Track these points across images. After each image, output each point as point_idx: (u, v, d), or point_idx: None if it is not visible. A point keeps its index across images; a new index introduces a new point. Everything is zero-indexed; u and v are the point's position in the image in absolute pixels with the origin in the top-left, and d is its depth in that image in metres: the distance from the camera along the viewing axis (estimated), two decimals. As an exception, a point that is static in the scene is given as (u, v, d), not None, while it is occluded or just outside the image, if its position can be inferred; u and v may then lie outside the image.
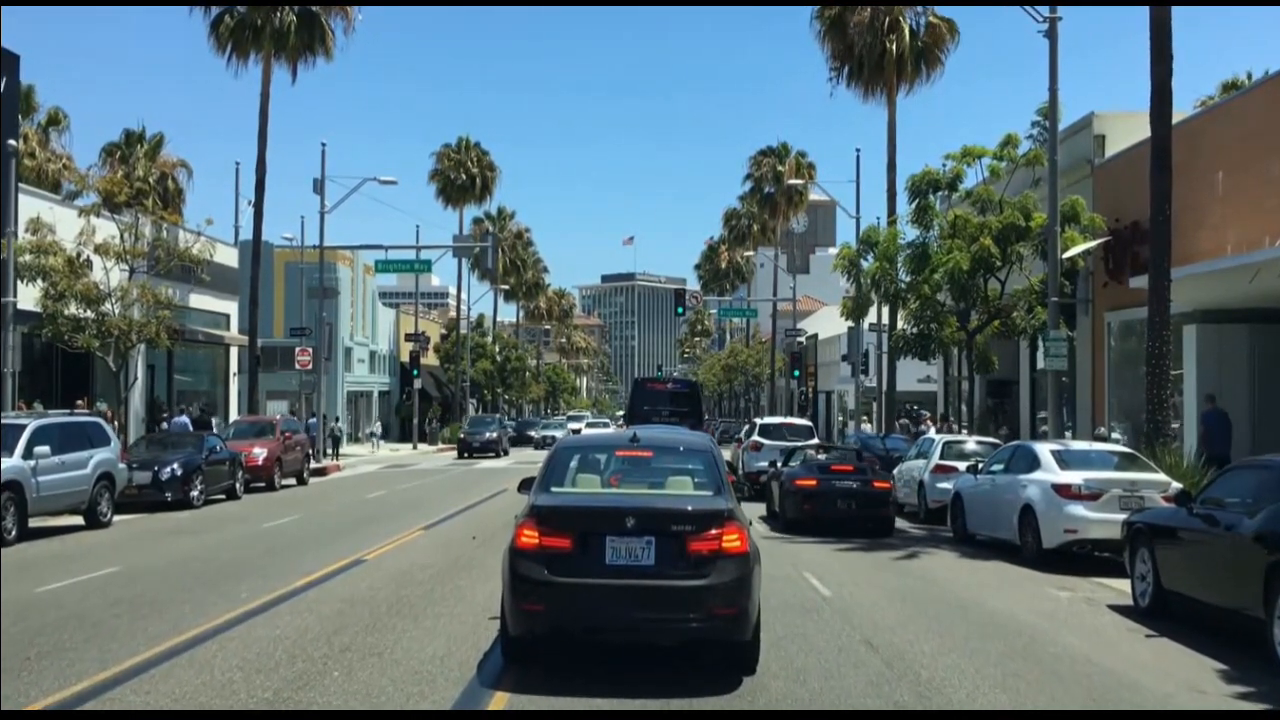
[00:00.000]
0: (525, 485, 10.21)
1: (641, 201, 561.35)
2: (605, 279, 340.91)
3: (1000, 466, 18.22)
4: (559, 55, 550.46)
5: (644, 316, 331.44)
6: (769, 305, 75.12)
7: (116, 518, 21.44)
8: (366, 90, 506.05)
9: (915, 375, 49.82)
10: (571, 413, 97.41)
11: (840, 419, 65.67)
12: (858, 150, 46.25)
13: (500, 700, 8.32)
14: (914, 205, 27.99)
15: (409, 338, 66.79)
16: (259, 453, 30.06)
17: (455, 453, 53.72)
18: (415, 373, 61.10)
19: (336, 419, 62.96)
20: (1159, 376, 19.22)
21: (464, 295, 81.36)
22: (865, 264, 30.87)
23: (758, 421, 35.74)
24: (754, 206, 76.59)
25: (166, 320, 29.26)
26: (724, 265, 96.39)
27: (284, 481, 31.54)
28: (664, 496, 9.27)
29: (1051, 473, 16.31)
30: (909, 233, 29.77)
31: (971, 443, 24.11)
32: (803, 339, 66.60)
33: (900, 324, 33.54)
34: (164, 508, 23.59)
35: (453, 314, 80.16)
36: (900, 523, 22.85)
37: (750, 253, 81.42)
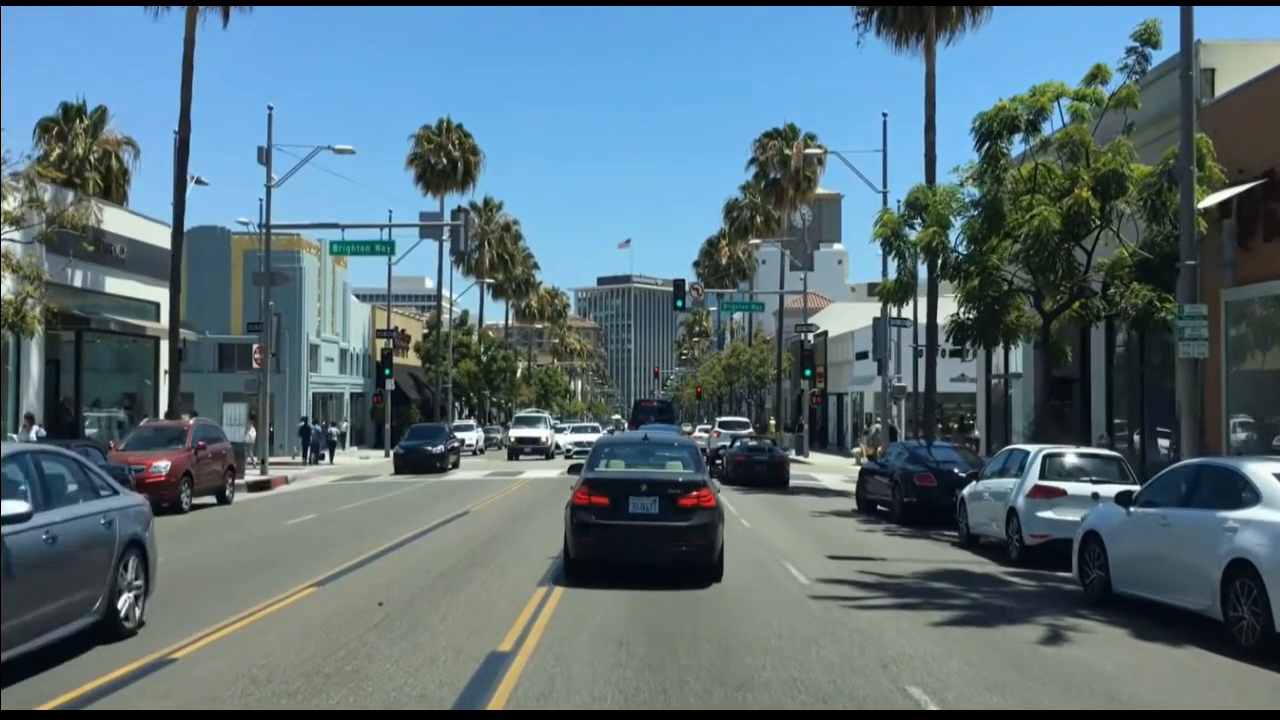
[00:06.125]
0: (575, 469, 16.84)
1: (638, 204, 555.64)
2: (601, 281, 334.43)
3: (1172, 497, 12.18)
4: (554, 58, 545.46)
5: (640, 319, 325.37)
6: (772, 303, 69.09)
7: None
8: (355, 92, 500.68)
9: (949, 374, 44.12)
10: (522, 413, 68.21)
11: (865, 423, 59.80)
12: (884, 115, 39.51)
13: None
14: (984, 150, 22.05)
15: (381, 334, 60.73)
16: (161, 467, 24.34)
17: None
18: (387, 372, 55.25)
19: (334, 423, 56.73)
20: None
21: (446, 291, 75.25)
22: (912, 232, 24.98)
23: (719, 419, 61.25)
24: (757, 195, 70.95)
25: (33, 296, 23.18)
26: (724, 261, 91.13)
27: (199, 500, 25.78)
28: (664, 472, 14.87)
29: (1284, 510, 10.31)
30: (966, 192, 24.10)
31: (1072, 455, 18.16)
32: (812, 336, 60.50)
33: (953, 307, 27.66)
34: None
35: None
36: (987, 565, 16.89)
37: (755, 240, 75.26)
